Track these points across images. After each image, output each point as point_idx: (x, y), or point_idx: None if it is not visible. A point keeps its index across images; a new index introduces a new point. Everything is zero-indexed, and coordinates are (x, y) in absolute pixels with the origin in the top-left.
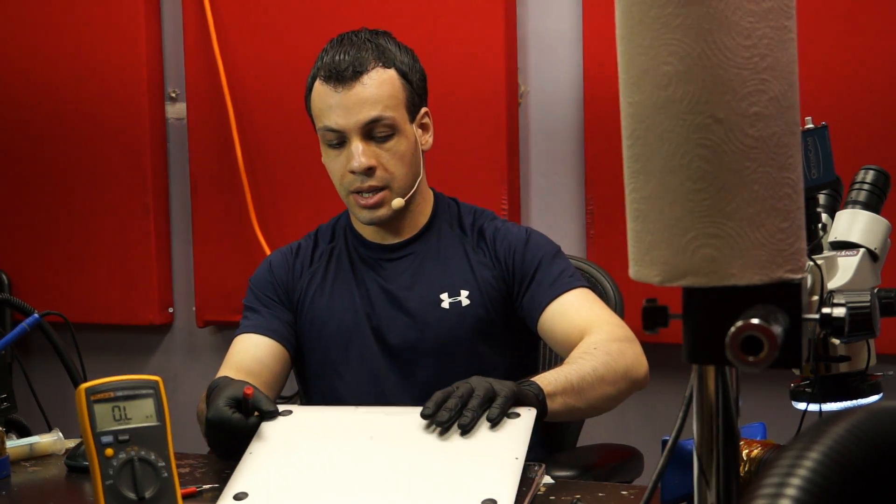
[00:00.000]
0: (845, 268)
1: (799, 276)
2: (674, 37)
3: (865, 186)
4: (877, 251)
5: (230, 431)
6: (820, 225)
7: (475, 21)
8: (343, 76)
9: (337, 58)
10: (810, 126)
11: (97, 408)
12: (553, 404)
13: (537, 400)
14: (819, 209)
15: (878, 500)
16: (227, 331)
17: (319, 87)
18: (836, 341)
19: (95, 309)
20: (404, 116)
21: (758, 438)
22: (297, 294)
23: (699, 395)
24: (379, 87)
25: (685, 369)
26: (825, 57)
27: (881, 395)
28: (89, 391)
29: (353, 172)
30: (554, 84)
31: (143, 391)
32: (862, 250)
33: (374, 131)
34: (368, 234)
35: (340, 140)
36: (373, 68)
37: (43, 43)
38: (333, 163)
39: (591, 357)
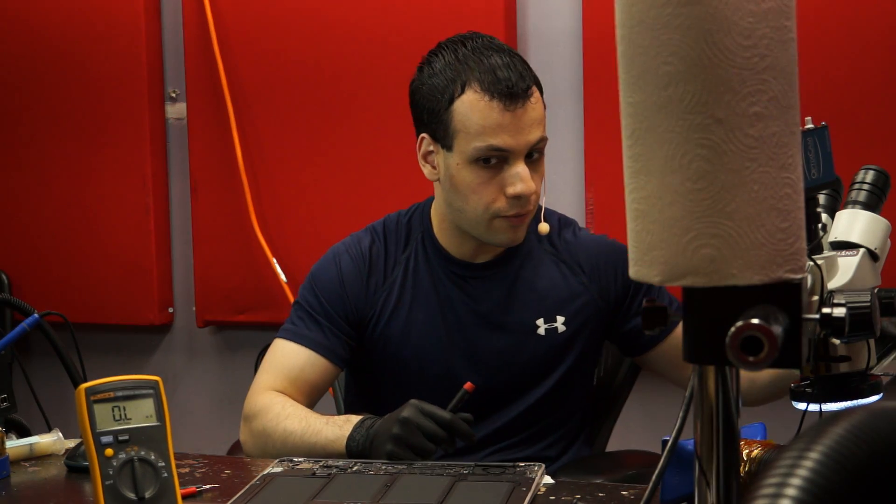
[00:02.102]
0: (845, 268)
1: (799, 276)
2: (674, 37)
3: (865, 186)
4: (877, 251)
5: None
6: (820, 225)
7: (475, 21)
8: (515, 94)
9: (500, 72)
10: (810, 126)
11: (97, 408)
12: None
13: None
14: (819, 209)
15: (878, 500)
16: (227, 331)
17: (479, 102)
18: (837, 341)
19: (95, 309)
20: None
21: (758, 438)
22: (370, 313)
23: (699, 395)
24: (538, 106)
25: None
26: (825, 57)
27: (881, 395)
28: (89, 391)
29: (516, 197)
30: (554, 84)
31: (143, 391)
32: (862, 250)
33: (532, 153)
34: (455, 249)
35: (500, 160)
36: (532, 88)
37: (43, 43)
38: (482, 184)
39: None
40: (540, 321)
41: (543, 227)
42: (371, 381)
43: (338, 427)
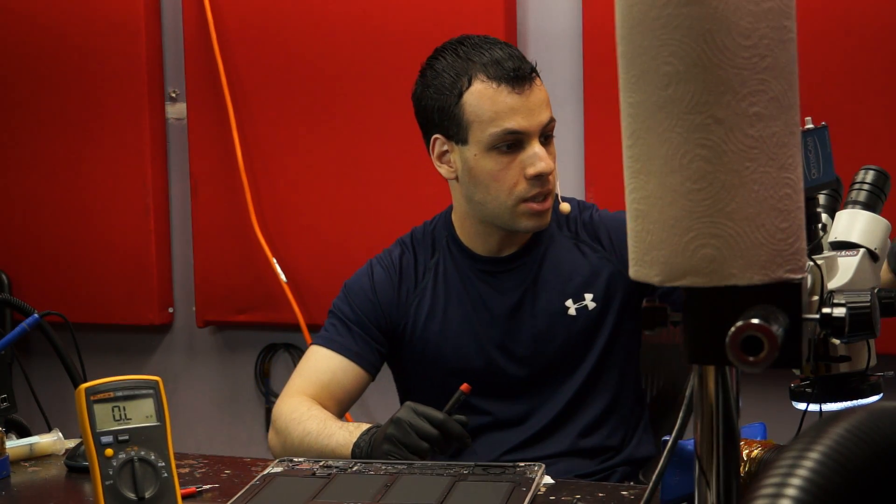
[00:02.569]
0: (845, 268)
1: (799, 276)
2: (674, 37)
3: (865, 186)
4: (877, 251)
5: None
6: (820, 225)
7: (475, 21)
8: (521, 77)
9: (503, 59)
10: (810, 126)
11: (97, 408)
12: None
13: None
14: (819, 209)
15: (878, 500)
16: (227, 331)
17: (486, 90)
18: (836, 341)
19: (95, 309)
20: None
21: (758, 438)
22: (404, 321)
23: (699, 395)
24: (543, 88)
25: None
26: (825, 57)
27: (881, 395)
28: (89, 391)
29: (536, 177)
30: (554, 84)
31: (143, 391)
32: (862, 250)
33: (545, 134)
34: (480, 247)
35: (515, 144)
36: (534, 73)
37: (43, 43)
38: (504, 170)
39: None
40: (569, 302)
41: (565, 207)
42: (415, 385)
43: (348, 432)
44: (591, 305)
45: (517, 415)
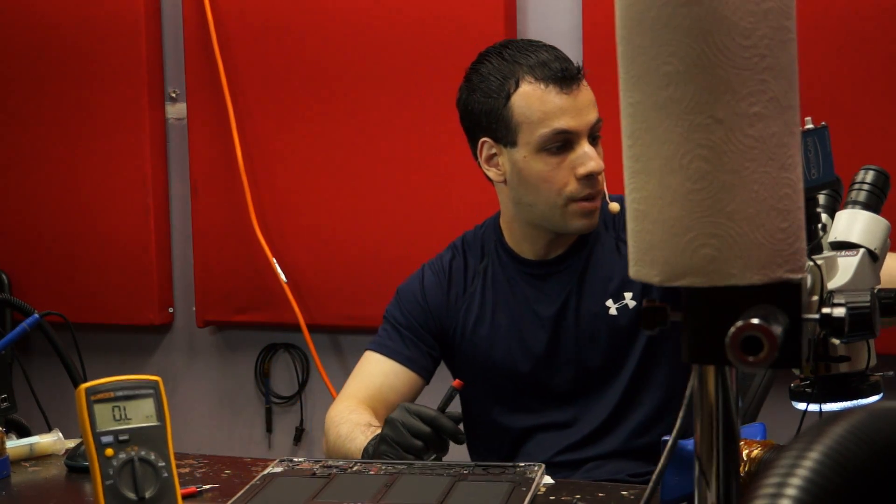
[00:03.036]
0: (845, 268)
1: (799, 276)
2: (674, 37)
3: (865, 186)
4: (877, 251)
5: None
6: (820, 225)
7: (475, 21)
8: (569, 77)
9: (549, 61)
10: (810, 126)
11: (97, 408)
12: None
13: None
14: (819, 209)
15: (878, 500)
16: (227, 331)
17: (535, 91)
18: (836, 341)
19: (95, 309)
20: None
21: (758, 438)
22: (453, 325)
23: (699, 395)
24: (589, 88)
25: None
26: (825, 57)
27: (881, 395)
28: (89, 391)
29: (587, 176)
30: None
31: (143, 391)
32: (862, 250)
33: (594, 135)
34: (527, 250)
35: (565, 144)
36: (580, 74)
37: (43, 43)
38: (554, 170)
39: None
40: (609, 302)
41: (614, 206)
42: (468, 387)
43: (365, 437)
44: (632, 304)
45: (567, 417)
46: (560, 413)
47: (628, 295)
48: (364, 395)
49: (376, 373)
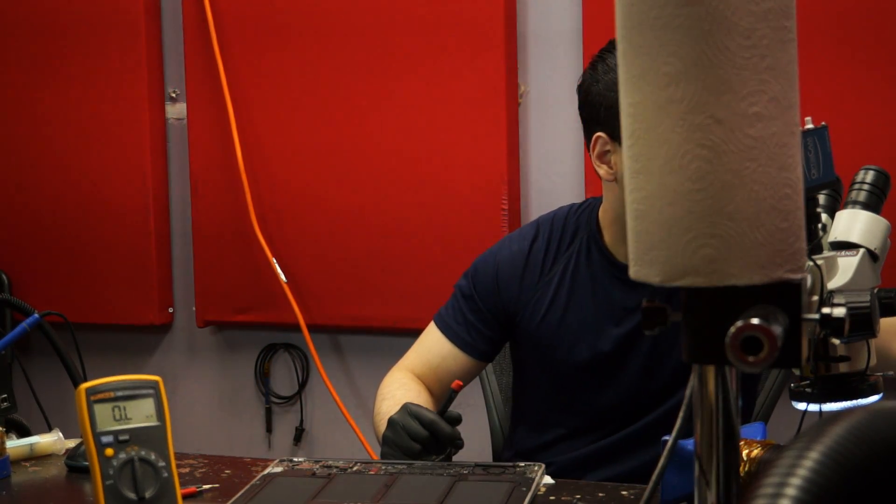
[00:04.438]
0: (845, 268)
1: (799, 276)
2: (674, 37)
3: (865, 186)
4: (877, 251)
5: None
6: (820, 225)
7: (475, 21)
8: None
9: None
10: (810, 126)
11: (97, 408)
12: None
13: None
14: (819, 209)
15: (878, 500)
16: (227, 331)
17: None
18: (836, 341)
19: (95, 309)
20: None
21: (758, 438)
22: (522, 311)
23: (699, 395)
24: None
25: None
26: (825, 57)
27: (881, 395)
28: (89, 391)
29: None
30: (554, 84)
31: (143, 391)
32: (862, 250)
33: None
34: (623, 255)
35: None
36: None
37: (43, 43)
38: None
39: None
40: None
41: None
42: (528, 373)
43: None
44: None
45: (612, 430)
46: (603, 423)
47: None
48: (420, 370)
49: (435, 352)
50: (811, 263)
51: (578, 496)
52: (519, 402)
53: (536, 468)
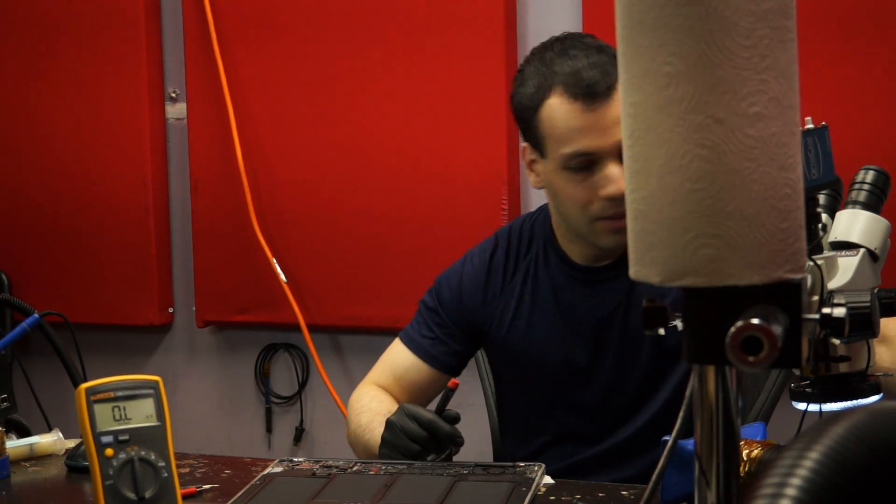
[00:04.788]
0: (845, 268)
1: (799, 276)
2: (674, 37)
3: (865, 186)
4: (877, 251)
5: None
6: (820, 225)
7: (475, 21)
8: (595, 92)
9: (583, 72)
10: (810, 126)
11: (97, 408)
12: None
13: None
14: (819, 209)
15: (878, 500)
16: (227, 331)
17: (562, 105)
18: (836, 341)
19: (95, 309)
20: None
21: (758, 438)
22: (488, 322)
23: (699, 395)
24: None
25: None
26: (825, 57)
27: (881, 395)
28: (89, 391)
29: (611, 199)
30: None
31: (143, 391)
32: (862, 250)
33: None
34: (577, 254)
35: (590, 162)
36: (616, 80)
37: (43, 43)
38: (576, 189)
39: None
40: None
41: None
42: (505, 382)
43: (382, 430)
44: (682, 326)
45: (594, 430)
46: (588, 425)
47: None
48: (386, 383)
49: (399, 364)
50: (811, 263)
51: (578, 496)
52: (503, 413)
53: (536, 468)
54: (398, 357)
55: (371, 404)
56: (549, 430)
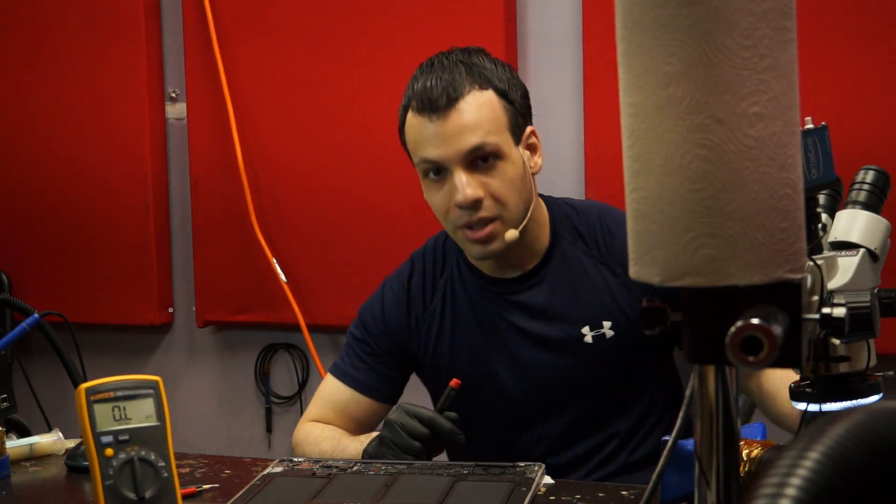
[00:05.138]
0: (845, 268)
1: (799, 276)
2: (674, 37)
3: (865, 186)
4: (877, 251)
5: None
6: (820, 225)
7: (475, 21)
8: (437, 104)
9: (428, 84)
10: (810, 126)
11: (97, 408)
12: None
13: None
14: (819, 209)
15: (878, 500)
16: (227, 331)
17: (412, 119)
18: (836, 341)
19: (95, 309)
20: (508, 140)
21: (758, 438)
22: (415, 345)
23: (699, 395)
24: (477, 111)
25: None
26: (825, 57)
27: (881, 395)
28: (89, 391)
29: (459, 207)
30: (554, 84)
31: (143, 391)
32: (862, 250)
33: (477, 160)
34: (487, 268)
35: (440, 170)
36: (468, 92)
37: (43, 43)
38: (435, 197)
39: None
40: (586, 329)
41: (510, 234)
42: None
43: (360, 443)
44: (610, 334)
45: (529, 442)
46: (523, 435)
47: (607, 324)
48: (327, 418)
49: (338, 400)
50: (811, 263)
51: (578, 496)
52: None
53: (536, 468)
54: (334, 393)
55: (326, 433)
56: (487, 444)
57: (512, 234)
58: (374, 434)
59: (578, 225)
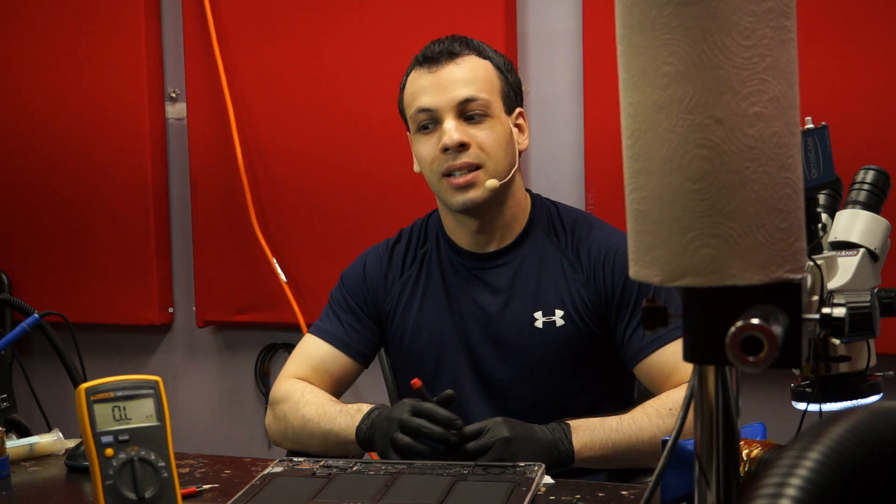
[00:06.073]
0: (845, 268)
1: (799, 276)
2: (674, 37)
3: (865, 186)
4: (877, 251)
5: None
6: (820, 225)
7: (475, 21)
8: (437, 58)
9: (431, 47)
10: (810, 126)
11: (97, 408)
12: (581, 462)
13: (565, 459)
14: (819, 209)
15: (878, 500)
16: (227, 331)
17: (413, 75)
18: (836, 341)
19: (95, 309)
20: (499, 104)
21: (758, 438)
22: (388, 306)
23: (699, 395)
24: (473, 69)
25: None
26: (825, 57)
27: (881, 395)
28: (89, 391)
29: (445, 150)
30: (554, 84)
31: (143, 391)
32: (862, 250)
33: (467, 112)
34: (463, 241)
35: (433, 121)
36: (468, 55)
37: (42, 43)
38: (424, 146)
39: (657, 422)
40: (538, 314)
41: (491, 183)
42: (397, 371)
43: (349, 416)
44: (560, 323)
45: (483, 419)
46: (477, 412)
47: (559, 312)
48: (304, 374)
49: (313, 355)
50: (811, 263)
51: (578, 496)
52: None
53: (536, 468)
54: (312, 348)
55: (307, 397)
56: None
57: (492, 182)
58: (364, 408)
59: (555, 221)
